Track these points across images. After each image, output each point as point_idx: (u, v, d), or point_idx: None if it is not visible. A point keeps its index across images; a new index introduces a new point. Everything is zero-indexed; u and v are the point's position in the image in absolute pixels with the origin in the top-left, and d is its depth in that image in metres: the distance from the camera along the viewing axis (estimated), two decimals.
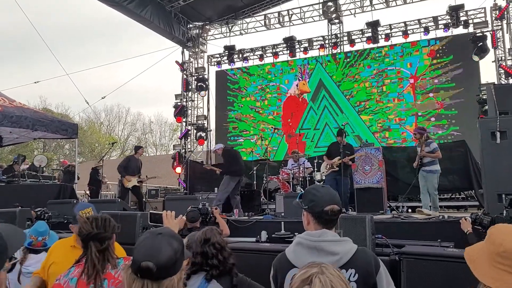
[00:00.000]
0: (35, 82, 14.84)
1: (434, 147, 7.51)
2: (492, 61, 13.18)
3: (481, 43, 12.71)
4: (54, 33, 46.96)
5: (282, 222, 6.32)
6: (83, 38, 58.21)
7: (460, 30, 13.75)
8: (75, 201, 8.83)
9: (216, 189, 10.95)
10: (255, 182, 10.69)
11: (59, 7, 53.63)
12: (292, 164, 10.80)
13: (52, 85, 50.06)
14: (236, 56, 16.73)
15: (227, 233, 5.50)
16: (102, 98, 16.19)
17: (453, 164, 10.06)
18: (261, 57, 16.41)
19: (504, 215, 4.28)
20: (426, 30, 13.99)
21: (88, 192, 12.71)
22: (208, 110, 17.28)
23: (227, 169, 8.81)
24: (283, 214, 7.25)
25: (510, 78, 12.06)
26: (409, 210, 9.42)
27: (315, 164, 10.23)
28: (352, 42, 15.07)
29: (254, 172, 10.75)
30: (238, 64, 16.95)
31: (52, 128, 10.25)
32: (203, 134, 16.56)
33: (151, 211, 3.24)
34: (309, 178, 9.82)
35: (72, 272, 2.36)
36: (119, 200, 8.62)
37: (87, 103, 14.88)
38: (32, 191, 10.02)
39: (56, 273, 2.72)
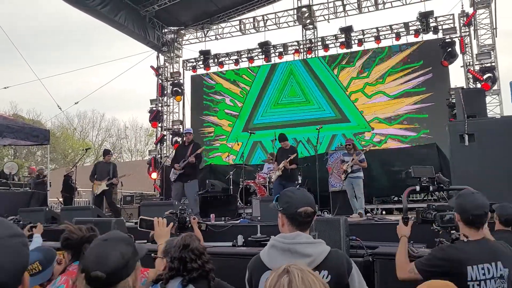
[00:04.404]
0: (4, 88, 14.44)
1: (363, 157, 8.40)
2: (461, 66, 13.59)
3: (450, 49, 13.10)
4: (25, 36, 45.86)
5: (258, 226, 6.34)
6: (56, 42, 56.93)
7: (430, 36, 14.15)
8: (47, 209, 8.66)
9: None
10: (231, 187, 10.69)
11: (30, 11, 52.39)
12: (268, 168, 10.85)
13: (23, 90, 48.84)
14: (212, 60, 16.73)
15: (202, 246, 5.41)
16: (75, 103, 15.94)
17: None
18: (236, 62, 16.45)
19: None
20: (398, 36, 14.34)
21: (61, 199, 12.44)
22: (184, 115, 17.20)
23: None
24: (259, 218, 7.27)
25: (477, 82, 12.44)
26: (384, 212, 9.61)
27: None
28: (326, 47, 15.28)
29: (231, 176, 10.76)
30: (214, 68, 16.94)
31: (21, 135, 9.93)
32: (179, 139, 16.45)
33: (141, 217, 3.14)
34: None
35: (59, 281, 2.35)
36: (93, 206, 8.48)
37: (60, 108, 14.58)
38: (2, 199, 9.75)
39: None
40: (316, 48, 15.81)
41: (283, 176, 8.67)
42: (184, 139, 8.83)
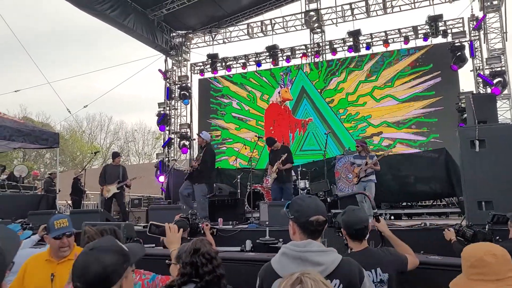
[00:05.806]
0: (15, 91, 14.56)
1: (376, 159, 8.30)
2: (470, 70, 13.47)
3: (459, 53, 13.01)
4: (33, 39, 46.21)
5: (267, 230, 6.33)
6: (63, 44, 57.37)
7: (439, 40, 14.05)
8: (55, 212, 8.72)
9: None
10: (239, 191, 10.68)
11: (37, 13, 52.86)
12: None
13: (32, 93, 49.29)
14: (219, 64, 16.76)
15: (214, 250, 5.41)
16: (85, 106, 16.03)
17: (434, 171, 10.22)
18: (244, 66, 16.47)
19: (487, 229, 4.33)
20: (406, 39, 14.26)
21: (70, 202, 12.50)
22: (191, 118, 17.24)
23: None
24: (267, 222, 7.25)
25: (488, 87, 12.34)
26: (392, 218, 9.53)
27: (299, 172, 10.29)
28: (334, 51, 15.24)
29: (238, 180, 10.75)
30: (221, 72, 16.98)
31: (30, 139, 9.97)
32: (187, 143, 16.49)
33: (152, 222, 3.10)
34: (292, 186, 9.86)
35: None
36: (102, 210, 8.51)
37: (69, 111, 14.69)
38: (12, 202, 9.82)
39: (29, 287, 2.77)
40: (324, 52, 15.78)
41: (279, 179, 8.64)
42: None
